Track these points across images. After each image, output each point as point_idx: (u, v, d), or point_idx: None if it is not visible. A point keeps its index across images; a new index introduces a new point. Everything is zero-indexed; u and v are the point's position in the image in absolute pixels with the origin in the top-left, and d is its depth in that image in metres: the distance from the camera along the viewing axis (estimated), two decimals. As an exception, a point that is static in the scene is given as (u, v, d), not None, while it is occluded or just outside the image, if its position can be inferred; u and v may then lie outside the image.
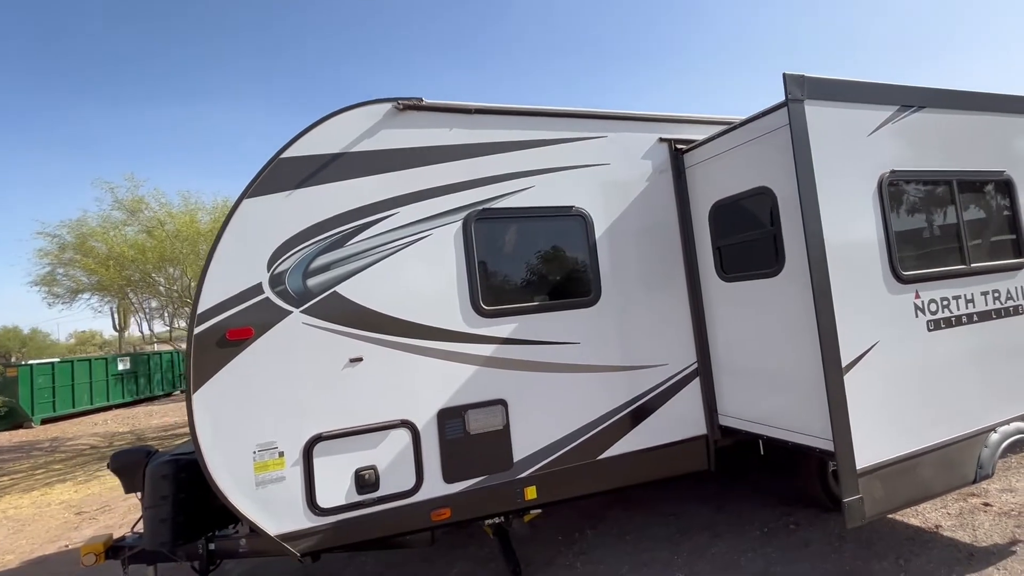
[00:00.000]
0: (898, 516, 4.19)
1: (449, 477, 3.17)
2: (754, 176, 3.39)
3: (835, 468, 4.20)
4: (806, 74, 3.02)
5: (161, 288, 9.98)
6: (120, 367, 18.54)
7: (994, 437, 3.38)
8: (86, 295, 10.08)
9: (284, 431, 2.89)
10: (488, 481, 3.26)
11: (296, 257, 2.99)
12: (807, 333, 3.10)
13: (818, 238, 2.95)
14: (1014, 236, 3.71)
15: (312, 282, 3.00)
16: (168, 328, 11.08)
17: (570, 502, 3.59)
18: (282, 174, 3.02)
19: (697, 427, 3.86)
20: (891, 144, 3.28)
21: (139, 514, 3.74)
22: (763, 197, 3.35)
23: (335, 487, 2.95)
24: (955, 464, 3.24)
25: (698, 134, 4.01)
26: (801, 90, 3.00)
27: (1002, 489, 4.50)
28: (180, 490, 3.60)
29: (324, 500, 2.92)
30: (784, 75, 2.98)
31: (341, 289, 3.05)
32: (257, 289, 2.91)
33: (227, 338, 2.82)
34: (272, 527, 2.82)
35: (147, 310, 10.52)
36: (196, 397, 2.75)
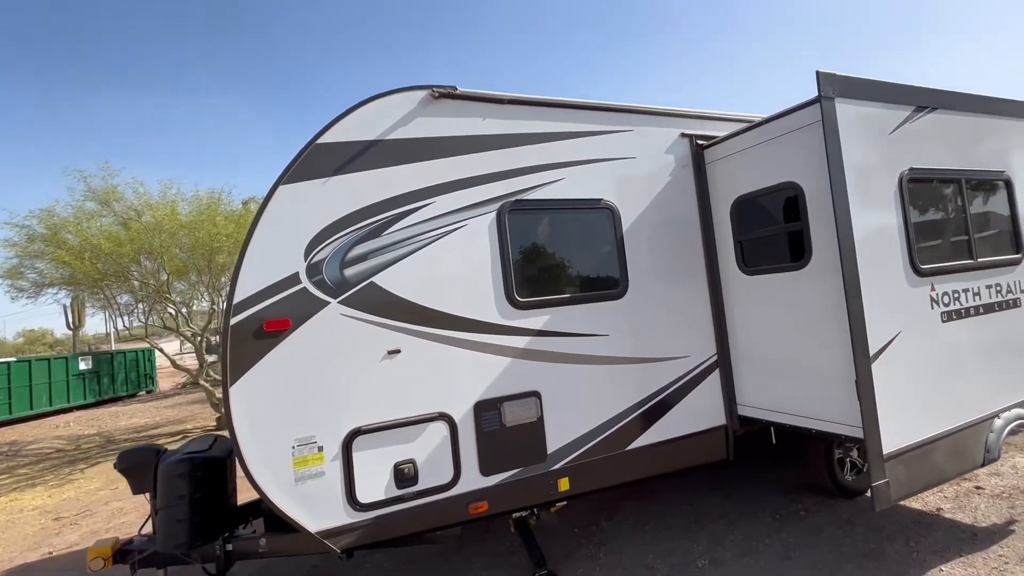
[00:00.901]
0: (901, 501, 4.38)
1: (486, 470, 3.15)
2: (781, 171, 3.47)
3: (840, 456, 4.41)
4: (837, 72, 3.11)
5: (135, 283, 9.53)
6: (82, 366, 17.65)
7: (998, 423, 3.57)
8: (53, 289, 9.53)
9: (323, 425, 2.81)
10: (523, 474, 3.25)
11: (333, 246, 2.90)
12: (834, 324, 3.21)
13: (848, 232, 3.04)
14: (1013, 233, 3.92)
15: (349, 272, 2.92)
16: (143, 324, 10.55)
17: (599, 492, 3.60)
18: (318, 160, 2.92)
19: (717, 418, 3.94)
20: (910, 143, 3.41)
21: (132, 516, 3.57)
22: (789, 192, 3.44)
23: (375, 481, 2.89)
24: (966, 449, 3.41)
25: (718, 130, 4.09)
26: (832, 88, 3.09)
27: (990, 473, 4.75)
28: (196, 489, 3.47)
29: (364, 495, 2.85)
30: (817, 73, 3.06)
31: (378, 279, 2.98)
32: (294, 279, 2.81)
33: (264, 329, 2.72)
34: (312, 524, 2.74)
35: (118, 306, 10.02)
36: (233, 390, 2.64)
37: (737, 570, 3.59)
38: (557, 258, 3.57)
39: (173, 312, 9.71)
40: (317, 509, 2.76)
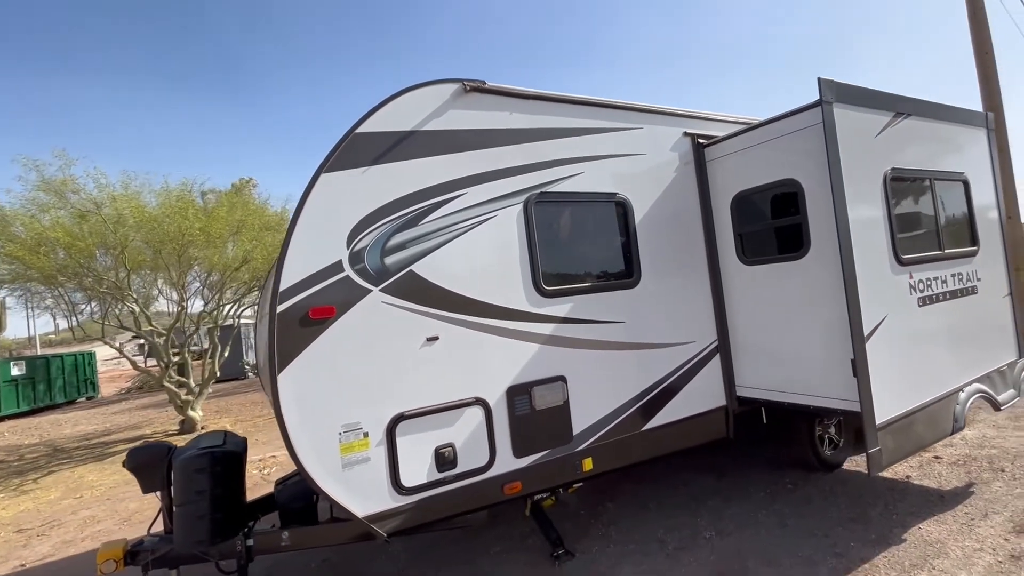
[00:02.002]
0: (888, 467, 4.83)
1: (518, 452, 3.26)
2: (781, 169, 3.77)
3: (820, 433, 4.80)
4: (835, 80, 3.42)
5: (88, 280, 8.96)
6: (15, 372, 16.32)
7: (962, 396, 4.01)
8: (-1, 288, 8.82)
9: (368, 411, 2.84)
10: (552, 455, 3.39)
11: (374, 235, 2.93)
12: (831, 308, 3.53)
13: (846, 225, 3.36)
14: (970, 228, 4.41)
15: (390, 260, 2.96)
16: (98, 324, 9.87)
17: (618, 472, 3.78)
18: (358, 149, 2.94)
19: (718, 399, 4.22)
20: (891, 145, 3.79)
21: (107, 524, 3.48)
22: (789, 188, 3.74)
23: (417, 466, 2.94)
24: (939, 419, 3.82)
25: (714, 130, 4.37)
26: (831, 93, 3.40)
27: (944, 444, 5.29)
28: (217, 484, 3.41)
29: (408, 479, 2.90)
30: (819, 79, 3.36)
31: (417, 268, 3.03)
32: (338, 267, 2.82)
33: (310, 317, 2.72)
34: (359, 509, 2.77)
35: (71, 305, 9.37)
36: (281, 377, 2.62)
37: (741, 539, 3.87)
38: (578, 249, 3.72)
39: (136, 310, 9.19)
40: (364, 494, 2.79)
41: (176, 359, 9.84)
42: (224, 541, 3.41)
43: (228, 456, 3.51)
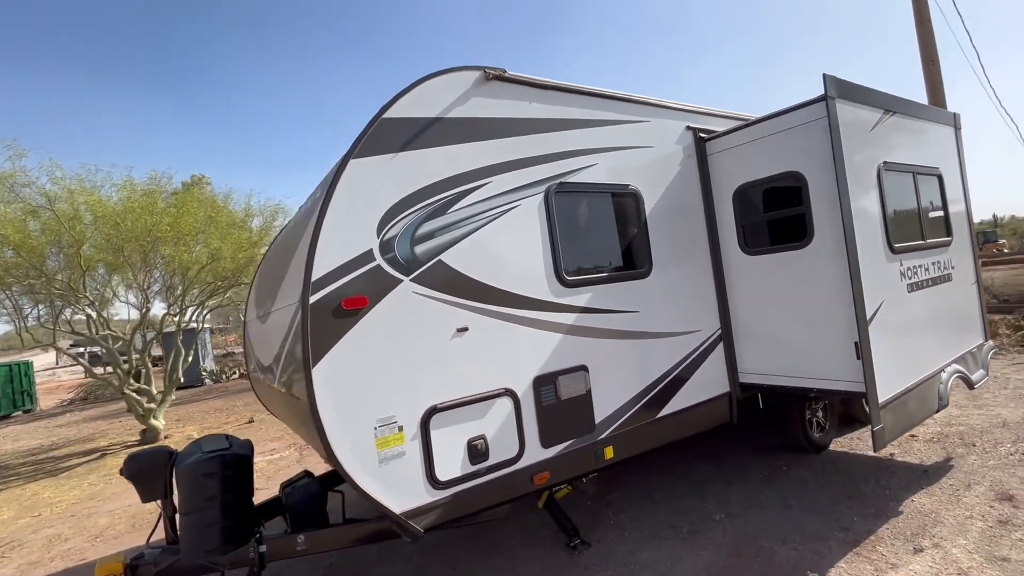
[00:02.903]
0: (861, 450, 5.10)
1: (546, 442, 3.25)
2: (784, 162, 3.91)
3: (810, 417, 5.02)
4: (838, 76, 3.59)
5: (39, 282, 8.30)
6: (-59, 385, 14.92)
7: (944, 375, 4.29)
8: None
9: (401, 404, 2.75)
10: (576, 444, 3.39)
11: (403, 223, 2.85)
12: (836, 293, 3.70)
13: (849, 215, 3.53)
14: (945, 220, 4.72)
15: (419, 250, 2.89)
16: (52, 328, 9.11)
17: (636, 459, 3.83)
18: (386, 135, 2.85)
19: (723, 386, 4.34)
20: (882, 140, 4.01)
21: (76, 542, 3.29)
22: (792, 180, 3.89)
23: (451, 459, 2.88)
24: (927, 397, 4.07)
25: (714, 125, 4.50)
26: (835, 90, 3.56)
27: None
28: (227, 489, 3.25)
29: (442, 473, 2.83)
30: (824, 76, 3.52)
31: (445, 257, 2.97)
32: (368, 256, 2.72)
33: (343, 308, 2.61)
34: (396, 505, 2.68)
35: (18, 308, 8.62)
36: (316, 371, 2.51)
37: (750, 520, 4.00)
38: (594, 239, 3.74)
39: (92, 315, 8.57)
40: (400, 490, 2.70)
41: (126, 366, 9.23)
42: (236, 549, 3.24)
43: (238, 459, 3.34)
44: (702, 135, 4.41)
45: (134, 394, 9.12)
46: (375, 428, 2.66)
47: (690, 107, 4.40)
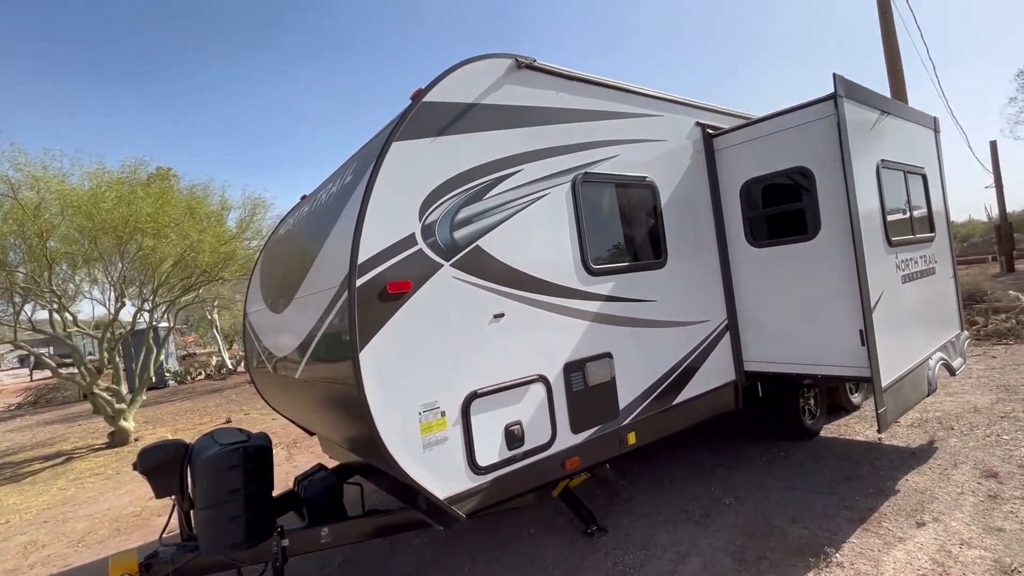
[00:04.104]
0: (849, 436, 5.36)
1: (575, 428, 3.29)
2: (792, 157, 4.08)
3: (803, 405, 5.24)
4: (845, 76, 3.77)
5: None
6: None
7: (931, 362, 4.56)
8: None
9: (443, 390, 2.73)
10: (603, 430, 3.45)
11: (443, 208, 2.83)
12: (842, 284, 3.88)
13: (856, 209, 3.72)
14: (928, 216, 5.02)
15: (458, 235, 2.87)
16: (14, 327, 8.48)
17: (654, 445, 3.91)
18: (426, 118, 2.82)
19: (729, 374, 4.49)
20: (880, 140, 4.23)
21: (56, 548, 3.15)
22: (800, 175, 4.06)
23: (490, 444, 2.87)
24: (919, 382, 4.32)
25: (720, 122, 4.65)
26: (843, 88, 3.74)
27: (897, 411, 5.97)
28: (250, 482, 3.16)
29: (482, 458, 2.83)
30: (834, 75, 3.69)
31: (482, 243, 2.97)
32: (411, 240, 2.69)
33: (388, 291, 2.57)
34: (440, 491, 2.66)
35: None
36: (363, 356, 2.46)
37: (758, 502, 4.15)
38: (616, 229, 3.81)
39: (60, 311, 8.08)
40: (444, 475, 2.68)
41: (70, 367, 8.75)
42: (258, 544, 3.14)
43: (260, 451, 3.25)
44: (710, 131, 4.54)
45: (104, 394, 8.66)
46: (419, 413, 2.64)
47: (699, 103, 4.53)
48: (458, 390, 2.79)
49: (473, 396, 2.84)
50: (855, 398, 6.08)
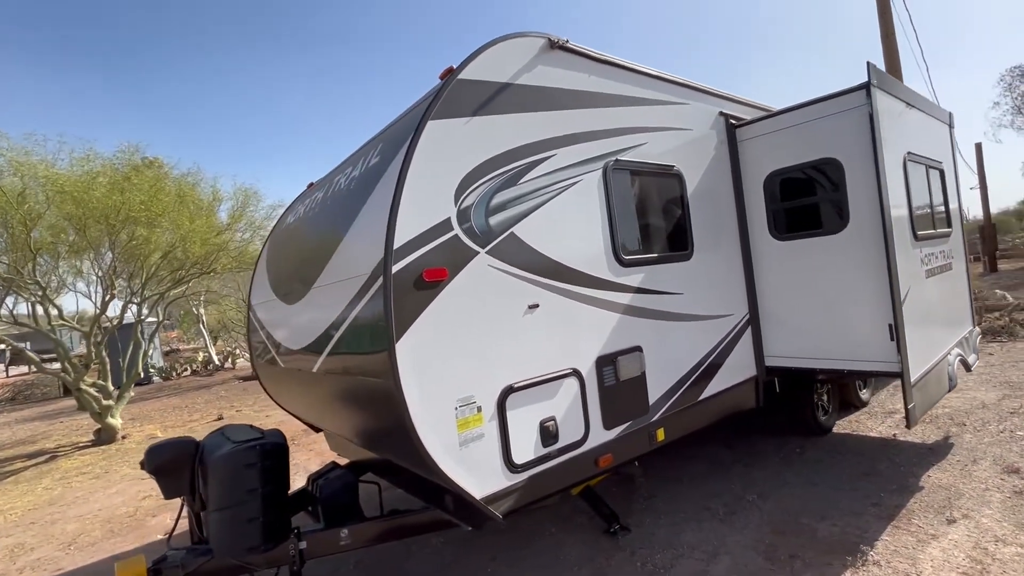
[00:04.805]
0: (864, 432, 5.32)
1: (608, 423, 3.17)
2: (821, 148, 4.00)
3: (817, 402, 5.19)
4: (877, 66, 3.70)
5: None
6: None
7: (951, 357, 4.54)
8: None
9: (479, 383, 2.59)
10: (634, 426, 3.33)
11: (478, 192, 2.68)
12: (869, 279, 3.82)
13: (887, 202, 3.65)
14: (946, 211, 4.99)
15: (494, 221, 2.73)
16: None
17: (680, 441, 3.81)
18: (461, 97, 2.67)
19: (750, 370, 4.41)
20: (906, 132, 4.17)
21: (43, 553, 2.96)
22: (829, 166, 3.98)
23: (526, 441, 2.74)
24: (940, 378, 4.28)
25: (744, 113, 4.56)
26: (876, 78, 3.66)
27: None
28: (268, 481, 2.99)
29: (518, 455, 2.69)
30: (868, 64, 3.62)
31: (517, 230, 2.82)
32: (447, 225, 2.54)
33: (424, 279, 2.42)
34: (477, 490, 2.52)
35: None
36: (400, 346, 2.30)
37: (781, 499, 4.08)
38: (645, 219, 3.69)
39: (49, 306, 7.73)
40: (480, 474, 2.54)
41: (51, 363, 8.43)
42: (276, 547, 2.98)
43: (277, 448, 3.08)
44: (733, 121, 4.45)
45: (91, 390, 8.33)
46: (456, 408, 2.50)
47: (723, 93, 4.43)
48: (494, 384, 2.65)
49: (509, 390, 2.70)
50: (863, 394, 6.07)
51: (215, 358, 21.45)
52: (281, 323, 3.84)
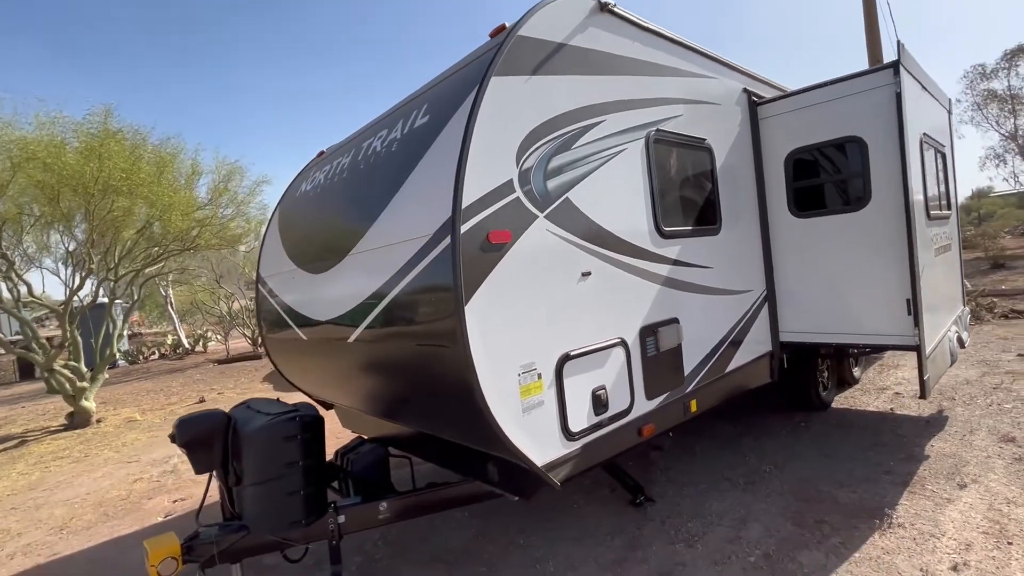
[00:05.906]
0: (861, 406, 5.53)
1: (650, 393, 3.17)
2: (844, 126, 4.06)
3: (822, 379, 5.36)
4: (905, 46, 3.76)
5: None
6: None
7: (951, 334, 4.74)
8: None
9: (539, 350, 2.53)
10: (672, 396, 3.35)
11: (538, 154, 2.60)
12: (888, 256, 3.92)
13: (910, 179, 3.74)
14: (947, 194, 5.17)
15: (551, 185, 2.65)
16: None
17: (707, 413, 3.85)
18: (521, 54, 2.57)
19: (767, 345, 4.49)
20: (921, 113, 4.28)
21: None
22: (852, 144, 4.05)
23: (580, 409, 2.71)
24: (946, 352, 4.47)
25: (764, 91, 4.59)
26: (903, 58, 3.72)
27: (896, 382, 6.23)
28: (308, 454, 2.88)
29: (574, 423, 2.66)
30: (899, 43, 3.67)
31: (571, 196, 2.76)
32: (509, 186, 2.45)
33: (489, 241, 2.34)
34: (539, 457, 2.48)
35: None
36: (468, 309, 2.22)
37: (796, 470, 4.20)
38: (681, 190, 3.67)
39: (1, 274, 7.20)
40: (541, 441, 2.50)
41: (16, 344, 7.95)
42: (316, 521, 2.88)
43: (316, 421, 2.97)
44: (755, 99, 4.47)
45: (66, 371, 7.88)
46: (519, 375, 2.44)
47: (747, 70, 4.44)
48: (552, 351, 2.61)
49: (566, 358, 2.66)
50: (856, 372, 6.30)
51: (185, 341, 20.65)
52: (304, 294, 3.68)
